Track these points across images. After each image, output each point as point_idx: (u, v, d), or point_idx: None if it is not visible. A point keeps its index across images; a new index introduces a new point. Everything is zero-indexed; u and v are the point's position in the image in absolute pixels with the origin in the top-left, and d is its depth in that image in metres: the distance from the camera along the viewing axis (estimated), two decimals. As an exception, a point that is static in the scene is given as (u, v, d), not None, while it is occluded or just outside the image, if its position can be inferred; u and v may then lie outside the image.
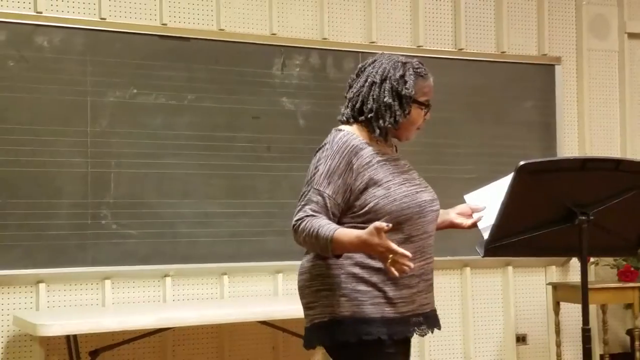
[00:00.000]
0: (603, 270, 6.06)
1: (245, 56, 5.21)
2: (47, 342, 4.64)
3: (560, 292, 5.76)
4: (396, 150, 2.90)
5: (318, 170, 2.65)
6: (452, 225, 2.93)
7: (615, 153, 6.25)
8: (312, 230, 2.56)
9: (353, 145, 2.67)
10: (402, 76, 2.74)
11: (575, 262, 5.99)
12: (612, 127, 6.36)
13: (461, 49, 5.89)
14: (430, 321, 2.80)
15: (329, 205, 2.62)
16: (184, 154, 5.01)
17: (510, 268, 5.93)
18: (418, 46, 5.75)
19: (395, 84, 2.73)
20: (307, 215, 2.60)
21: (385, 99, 2.71)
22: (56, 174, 4.72)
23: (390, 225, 2.46)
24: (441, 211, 2.89)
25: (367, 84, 2.76)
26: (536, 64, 6.06)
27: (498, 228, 2.69)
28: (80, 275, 4.78)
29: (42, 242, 4.66)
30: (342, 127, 2.76)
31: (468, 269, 5.82)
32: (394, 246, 2.44)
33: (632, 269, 5.66)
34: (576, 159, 2.79)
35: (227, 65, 5.15)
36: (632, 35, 6.42)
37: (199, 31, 5.14)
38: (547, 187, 2.66)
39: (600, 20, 6.35)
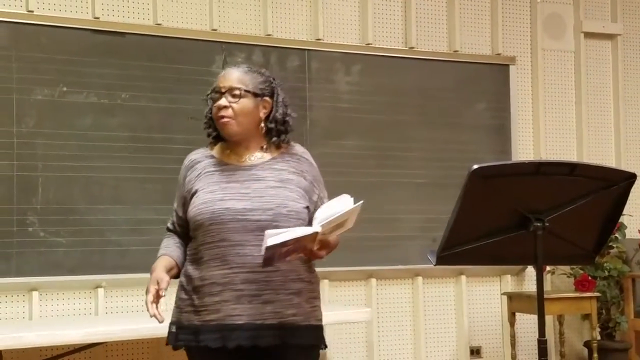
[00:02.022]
0: (559, 280, 6.13)
1: (183, 53, 5.16)
2: (-32, 360, 4.54)
3: (515, 302, 5.80)
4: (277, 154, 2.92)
5: None
6: None
7: (571, 157, 6.32)
8: None
9: (191, 159, 2.95)
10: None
11: (531, 271, 6.05)
12: (568, 130, 6.44)
13: (412, 48, 5.91)
14: (245, 335, 2.72)
15: (174, 218, 2.95)
16: (117, 157, 4.95)
17: (463, 277, 5.96)
18: (367, 44, 5.76)
19: None
20: (166, 231, 2.99)
21: None
22: (-22, 178, 4.64)
23: (165, 289, 2.70)
24: None
25: None
26: (490, 64, 6.12)
27: (450, 235, 2.70)
28: (4, 287, 4.69)
29: (-38, 251, 4.56)
30: None
31: (420, 278, 5.84)
32: (148, 297, 2.70)
33: (590, 278, 5.73)
34: (530, 163, 2.82)
35: (163, 63, 5.10)
36: (588, 35, 6.51)
37: (134, 26, 5.08)
38: (500, 193, 2.68)
39: (555, 19, 6.43)
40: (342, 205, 2.66)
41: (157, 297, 2.70)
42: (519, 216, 2.72)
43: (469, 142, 5.93)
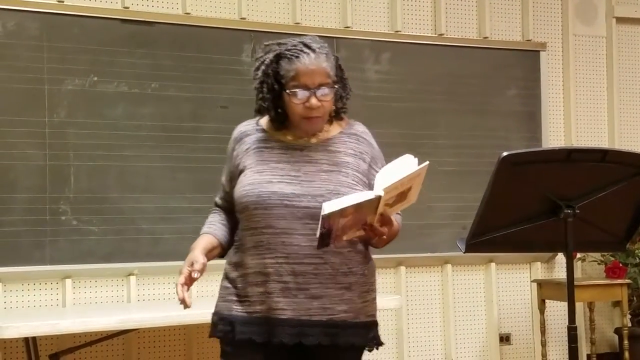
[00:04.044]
0: (590, 267, 6.10)
1: (212, 42, 5.16)
2: (4, 346, 4.60)
3: (545, 289, 5.78)
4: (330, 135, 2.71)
5: None
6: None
7: (603, 143, 6.27)
8: None
9: (240, 131, 2.73)
10: (256, 60, 2.70)
11: (561, 258, 6.01)
12: (600, 117, 6.39)
13: (441, 34, 5.88)
14: (289, 331, 2.55)
15: (222, 193, 2.77)
16: (147, 146, 4.97)
17: (493, 265, 5.94)
18: (396, 31, 5.74)
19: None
20: (213, 207, 2.82)
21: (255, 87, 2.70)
22: (11, 167, 4.67)
23: (198, 271, 2.52)
24: None
25: None
26: (520, 50, 6.07)
27: (480, 222, 2.70)
28: (38, 275, 4.74)
29: (-3, 240, 4.61)
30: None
31: (449, 265, 5.83)
32: (180, 279, 2.52)
33: (620, 265, 5.69)
34: (561, 149, 2.81)
35: (193, 52, 5.11)
36: (620, 20, 6.44)
37: (163, 15, 5.09)
38: (531, 180, 2.68)
39: (586, 4, 6.36)
40: (405, 167, 2.44)
41: (190, 280, 2.52)
42: (549, 203, 2.73)
43: (499, 129, 5.90)
